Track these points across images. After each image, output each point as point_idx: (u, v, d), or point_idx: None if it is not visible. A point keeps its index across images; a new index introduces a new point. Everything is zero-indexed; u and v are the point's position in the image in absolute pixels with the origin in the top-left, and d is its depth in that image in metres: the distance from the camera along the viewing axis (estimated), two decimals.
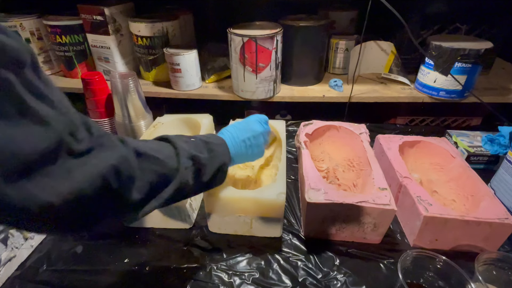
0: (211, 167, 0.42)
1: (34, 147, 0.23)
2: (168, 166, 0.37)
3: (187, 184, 0.39)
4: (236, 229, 0.58)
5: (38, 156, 0.23)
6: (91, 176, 0.26)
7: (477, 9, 0.86)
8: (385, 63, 0.93)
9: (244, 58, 0.79)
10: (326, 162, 0.71)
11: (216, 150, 0.44)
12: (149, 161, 0.34)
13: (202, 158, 0.41)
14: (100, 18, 0.86)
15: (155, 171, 0.35)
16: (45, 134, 0.24)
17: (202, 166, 0.41)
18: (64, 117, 0.26)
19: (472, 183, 0.59)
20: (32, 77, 0.24)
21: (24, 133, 0.22)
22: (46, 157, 0.24)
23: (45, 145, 0.23)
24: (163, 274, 0.52)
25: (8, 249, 0.51)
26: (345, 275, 0.51)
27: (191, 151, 0.40)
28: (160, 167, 0.36)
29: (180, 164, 0.38)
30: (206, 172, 0.42)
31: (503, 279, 0.47)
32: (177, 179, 0.37)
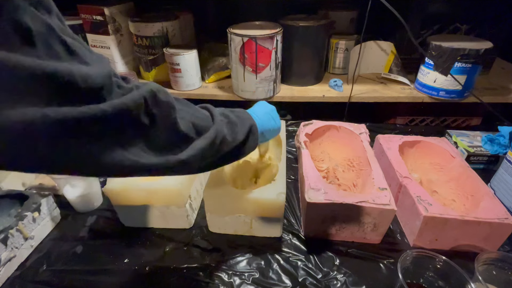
0: (242, 126, 0.43)
1: (87, 81, 0.24)
2: (203, 114, 0.38)
3: (225, 137, 0.39)
4: (236, 229, 0.58)
5: (92, 91, 0.24)
6: (136, 96, 0.28)
7: (477, 9, 0.86)
8: (385, 63, 0.93)
9: (244, 58, 0.79)
10: (326, 162, 0.71)
11: (241, 115, 0.45)
12: (185, 104, 0.36)
13: (232, 117, 0.42)
14: (100, 18, 0.86)
15: (192, 113, 0.36)
16: (96, 71, 0.25)
17: (234, 124, 0.41)
18: (104, 59, 0.28)
19: (472, 183, 0.59)
20: (61, 23, 0.26)
21: (80, 70, 0.23)
22: (99, 93, 0.25)
23: (98, 81, 0.25)
24: (163, 274, 0.52)
25: (8, 249, 0.51)
26: (345, 275, 0.51)
27: (221, 111, 0.42)
28: (196, 112, 0.37)
29: (214, 116, 0.39)
30: (239, 130, 0.42)
31: (503, 279, 0.47)
32: (214, 126, 0.37)
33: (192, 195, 0.60)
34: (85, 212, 0.64)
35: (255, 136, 0.45)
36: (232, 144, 0.40)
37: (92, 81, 0.24)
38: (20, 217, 0.54)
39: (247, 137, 0.43)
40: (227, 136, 0.39)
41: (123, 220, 0.61)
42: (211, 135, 0.36)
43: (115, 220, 0.61)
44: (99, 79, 0.25)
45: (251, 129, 0.44)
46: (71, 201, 0.63)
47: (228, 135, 0.40)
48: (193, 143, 0.35)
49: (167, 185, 0.55)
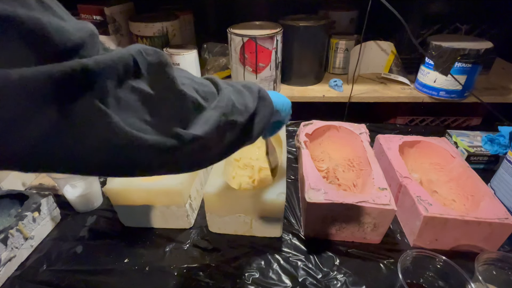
0: (250, 92, 0.37)
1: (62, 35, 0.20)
2: (204, 80, 0.33)
3: (235, 105, 0.33)
4: (236, 229, 0.58)
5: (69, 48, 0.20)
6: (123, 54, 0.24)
7: (477, 9, 0.86)
8: (385, 63, 0.93)
9: (244, 58, 0.79)
10: (326, 162, 0.71)
11: (245, 83, 0.39)
12: (182, 71, 0.31)
13: (237, 87, 0.37)
14: (100, 18, 0.86)
15: (191, 78, 0.31)
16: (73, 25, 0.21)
17: (240, 91, 0.36)
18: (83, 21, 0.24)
19: (472, 183, 0.59)
20: None
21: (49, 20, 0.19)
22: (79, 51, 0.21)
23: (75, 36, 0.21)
24: (163, 274, 0.52)
25: (8, 249, 0.51)
26: (345, 275, 0.51)
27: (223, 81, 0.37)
28: (196, 78, 0.32)
29: (217, 83, 0.34)
30: (247, 97, 0.36)
31: (503, 279, 0.47)
32: (221, 93, 0.32)
33: (192, 195, 0.60)
34: (85, 212, 0.64)
35: (267, 101, 0.39)
36: (245, 114, 0.35)
37: (69, 35, 0.20)
38: (20, 217, 0.54)
39: (259, 102, 0.38)
40: (236, 104, 0.33)
41: (123, 220, 0.61)
42: (221, 103, 0.31)
43: (115, 220, 0.61)
44: (78, 34, 0.21)
45: (260, 93, 0.38)
46: (71, 201, 0.63)
47: (238, 103, 0.34)
48: (204, 114, 0.29)
49: (167, 185, 0.55)
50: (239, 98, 0.35)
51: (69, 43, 0.20)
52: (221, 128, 0.31)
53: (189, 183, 0.59)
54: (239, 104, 0.34)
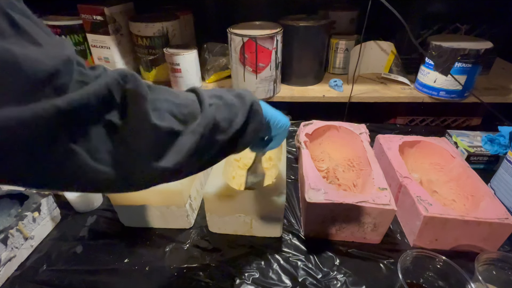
0: (242, 108, 0.35)
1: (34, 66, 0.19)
2: (187, 98, 0.32)
3: (218, 124, 0.32)
4: (236, 229, 0.58)
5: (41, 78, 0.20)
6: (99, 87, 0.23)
7: (477, 9, 0.86)
8: (385, 63, 0.93)
9: (244, 58, 0.79)
10: (326, 162, 0.71)
11: (241, 93, 0.37)
12: (162, 92, 0.30)
13: (227, 97, 0.35)
14: (100, 18, 0.86)
15: (171, 101, 0.29)
16: (47, 54, 0.20)
17: (230, 105, 0.34)
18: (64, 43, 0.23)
19: (472, 183, 0.59)
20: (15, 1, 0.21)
21: (25, 52, 0.19)
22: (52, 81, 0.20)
23: (48, 66, 0.20)
24: (163, 274, 0.52)
25: (8, 249, 0.51)
26: (345, 275, 0.51)
27: (213, 92, 0.35)
28: (177, 98, 0.30)
29: (201, 99, 0.32)
30: (238, 112, 0.35)
31: (503, 279, 0.47)
32: (202, 114, 0.31)
33: (192, 195, 0.60)
34: (85, 212, 0.64)
35: (259, 116, 0.37)
36: (230, 130, 0.34)
37: (42, 66, 0.20)
38: (20, 217, 0.54)
39: (248, 117, 0.36)
40: (221, 122, 0.32)
41: (123, 220, 0.61)
42: (201, 125, 0.30)
43: (115, 220, 0.61)
44: (52, 62, 0.20)
45: (253, 107, 0.36)
46: (71, 201, 0.63)
47: (224, 121, 0.33)
48: (179, 140, 0.29)
49: (167, 185, 0.54)
50: (227, 113, 0.34)
51: (41, 74, 0.20)
52: (198, 151, 0.30)
53: (189, 183, 0.59)
54: (224, 121, 0.33)
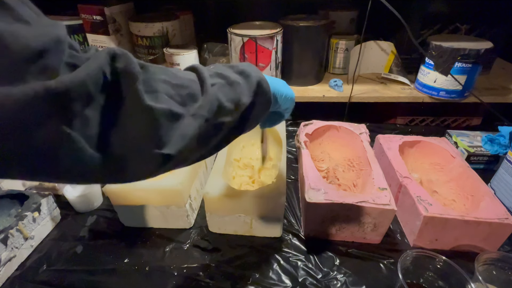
0: (248, 86, 0.33)
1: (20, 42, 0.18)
2: (186, 78, 0.29)
3: (222, 106, 0.30)
4: (236, 229, 0.58)
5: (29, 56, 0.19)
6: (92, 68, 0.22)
7: (477, 9, 0.86)
8: (385, 63, 0.93)
9: (244, 58, 0.79)
10: (326, 162, 0.71)
11: (246, 69, 0.34)
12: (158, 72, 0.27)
13: (230, 75, 0.32)
14: (100, 18, 0.86)
15: (169, 81, 0.27)
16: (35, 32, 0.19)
17: (234, 83, 0.32)
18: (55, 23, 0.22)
19: (472, 183, 0.59)
20: None
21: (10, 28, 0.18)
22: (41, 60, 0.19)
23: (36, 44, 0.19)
24: (163, 274, 0.52)
25: (8, 249, 0.51)
26: (345, 275, 0.51)
27: (216, 70, 0.33)
28: (175, 77, 0.28)
29: (203, 78, 0.30)
30: (243, 92, 0.32)
31: (503, 279, 0.47)
32: (204, 94, 0.29)
33: (192, 195, 0.60)
34: (85, 212, 0.64)
35: (266, 95, 0.35)
36: (236, 112, 0.31)
37: (28, 42, 0.18)
38: (20, 217, 0.54)
39: (255, 97, 0.33)
40: (226, 103, 0.30)
41: (123, 220, 0.61)
42: (204, 108, 0.28)
43: (115, 220, 0.61)
44: (40, 40, 0.19)
45: (260, 84, 0.34)
46: (71, 201, 0.63)
47: (228, 101, 0.30)
48: (181, 124, 0.27)
49: (167, 185, 0.55)
50: (231, 93, 0.31)
51: (28, 52, 0.19)
52: (203, 136, 0.29)
53: (189, 183, 0.59)
54: (229, 102, 0.31)
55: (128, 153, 0.25)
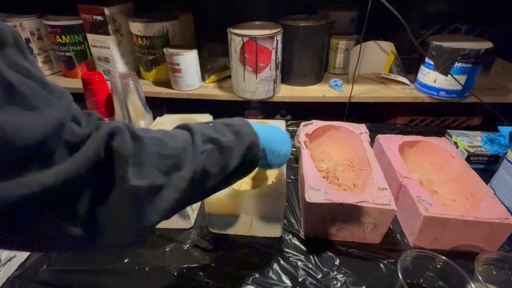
0: (238, 149, 0.35)
1: (24, 135, 0.20)
2: (177, 147, 0.31)
3: (207, 173, 0.32)
4: (236, 229, 0.58)
5: (31, 147, 0.20)
6: (89, 152, 0.24)
7: (477, 9, 0.86)
8: (385, 63, 0.93)
9: (244, 58, 0.79)
10: (326, 162, 0.71)
11: (241, 130, 0.37)
12: (150, 143, 0.29)
13: (224, 141, 0.34)
14: (100, 18, 0.86)
15: (157, 154, 0.29)
16: (40, 121, 0.21)
17: (225, 149, 0.34)
18: (61, 100, 0.23)
19: (472, 183, 0.59)
20: (17, 56, 0.21)
21: (14, 122, 0.19)
22: (41, 148, 0.21)
23: (37, 134, 0.20)
24: (163, 274, 0.52)
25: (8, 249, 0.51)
26: (345, 275, 0.51)
27: (210, 133, 0.34)
28: (165, 147, 0.30)
29: (195, 147, 0.32)
30: (233, 156, 0.35)
31: (503, 279, 0.47)
32: (190, 163, 0.31)
33: None
34: None
35: (254, 157, 0.38)
36: (220, 175, 0.34)
37: (30, 134, 0.20)
38: None
39: (243, 159, 0.36)
40: (212, 169, 0.33)
41: None
42: (183, 182, 0.30)
43: None
44: (43, 130, 0.21)
45: (250, 148, 0.36)
46: None
47: (215, 166, 0.33)
48: (159, 196, 0.29)
49: None
50: (219, 159, 0.34)
51: (29, 142, 0.20)
52: (184, 200, 0.31)
53: None
54: (216, 167, 0.33)
55: (111, 228, 0.27)
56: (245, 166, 0.38)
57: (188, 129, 0.35)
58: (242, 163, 0.36)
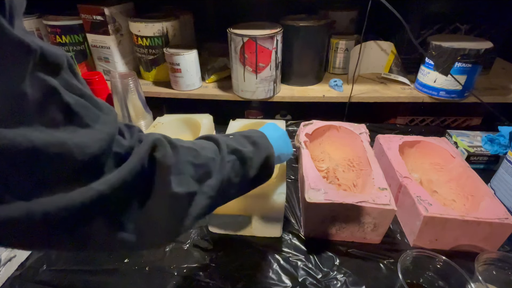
0: (257, 160, 0.39)
1: (83, 151, 0.22)
2: (207, 157, 0.34)
3: (230, 181, 0.36)
4: (236, 229, 0.58)
5: (88, 160, 0.22)
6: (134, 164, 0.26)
7: (477, 9, 0.86)
8: (385, 63, 0.93)
9: (244, 58, 0.79)
10: (326, 162, 0.71)
11: (259, 142, 0.41)
12: (185, 153, 0.32)
13: (245, 152, 0.38)
14: (100, 18, 0.86)
15: (192, 164, 0.32)
16: (94, 137, 0.23)
17: (247, 160, 0.38)
18: (109, 116, 0.25)
19: (472, 183, 0.59)
20: (71, 78, 0.24)
21: (73, 138, 0.22)
22: (96, 160, 0.23)
23: (94, 149, 0.23)
24: (163, 274, 0.52)
25: (8, 249, 0.51)
26: (345, 275, 0.51)
27: (234, 145, 0.38)
28: (198, 157, 0.33)
29: (222, 157, 0.35)
30: (252, 165, 0.39)
31: (503, 279, 0.47)
32: (218, 172, 0.34)
33: None
34: None
35: (270, 166, 0.42)
36: (240, 184, 0.38)
37: (88, 150, 0.22)
38: None
39: (261, 170, 0.40)
40: (233, 179, 0.36)
41: None
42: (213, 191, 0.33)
43: None
44: (97, 144, 0.23)
45: (267, 160, 0.41)
46: None
47: (236, 177, 0.37)
48: (194, 202, 0.32)
49: None
50: (241, 170, 0.37)
51: (87, 157, 0.22)
52: (211, 206, 0.34)
53: None
54: (238, 177, 0.37)
55: (151, 232, 0.29)
56: (262, 176, 0.42)
57: (214, 140, 0.38)
58: (259, 173, 0.40)
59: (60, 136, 0.21)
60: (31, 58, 0.20)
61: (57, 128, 0.21)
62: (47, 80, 0.21)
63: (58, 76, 0.22)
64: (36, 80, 0.20)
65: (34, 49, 0.20)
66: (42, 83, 0.21)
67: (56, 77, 0.22)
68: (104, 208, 0.24)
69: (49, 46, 0.22)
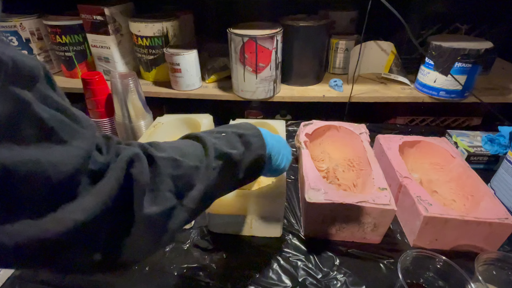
0: (246, 161, 0.38)
1: (59, 170, 0.20)
2: (190, 166, 0.32)
3: (215, 187, 0.35)
4: (236, 229, 0.58)
5: (63, 179, 0.21)
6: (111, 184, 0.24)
7: (477, 9, 0.86)
8: (385, 63, 0.93)
9: (244, 58, 0.79)
10: (326, 162, 0.71)
11: (252, 142, 0.39)
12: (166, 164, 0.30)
13: (234, 155, 0.36)
14: (100, 18, 0.86)
15: (171, 176, 0.30)
16: (70, 153, 0.22)
17: (235, 163, 0.37)
18: (87, 131, 0.24)
19: (472, 183, 0.59)
20: (47, 90, 0.22)
21: (47, 156, 0.20)
22: (71, 179, 0.22)
23: (70, 166, 0.21)
24: (163, 274, 0.52)
25: None
26: (345, 275, 0.51)
27: (223, 148, 0.36)
28: (178, 169, 0.31)
29: (207, 164, 0.34)
30: (241, 168, 0.37)
31: (503, 279, 0.47)
32: (201, 182, 0.33)
33: None
34: None
35: (259, 167, 0.40)
36: (226, 186, 0.37)
37: (64, 168, 0.21)
38: None
39: (248, 172, 0.38)
40: (220, 182, 0.35)
41: None
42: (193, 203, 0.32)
43: None
44: (73, 162, 0.22)
45: (256, 160, 0.39)
46: None
47: (223, 180, 0.35)
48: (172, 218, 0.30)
49: None
50: (229, 172, 0.36)
51: (62, 175, 0.21)
52: (192, 216, 0.33)
53: None
54: (224, 180, 0.36)
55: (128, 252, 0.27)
56: (249, 177, 0.41)
57: (202, 141, 0.36)
58: (247, 175, 0.39)
59: (33, 153, 0.19)
60: (1, 71, 0.18)
61: (29, 145, 0.19)
62: (19, 94, 0.19)
63: (32, 89, 0.21)
64: (7, 95, 0.18)
65: (5, 62, 0.18)
66: (14, 97, 0.19)
67: (30, 90, 0.20)
68: (82, 236, 0.23)
69: (24, 56, 0.20)
